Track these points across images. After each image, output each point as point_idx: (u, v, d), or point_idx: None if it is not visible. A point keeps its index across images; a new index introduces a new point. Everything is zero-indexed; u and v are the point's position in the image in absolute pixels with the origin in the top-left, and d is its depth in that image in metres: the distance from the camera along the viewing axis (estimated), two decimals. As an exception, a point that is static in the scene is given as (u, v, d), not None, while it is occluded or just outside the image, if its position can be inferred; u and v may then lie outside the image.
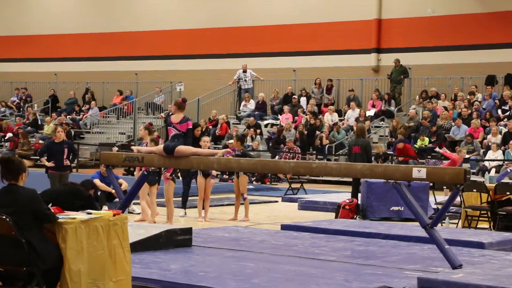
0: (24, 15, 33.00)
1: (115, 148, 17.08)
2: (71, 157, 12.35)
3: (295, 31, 26.97)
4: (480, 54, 23.99)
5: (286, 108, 24.93)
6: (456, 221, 12.20)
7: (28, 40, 32.57)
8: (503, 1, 24.13)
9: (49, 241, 5.79)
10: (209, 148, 12.31)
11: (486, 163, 19.24)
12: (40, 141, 25.86)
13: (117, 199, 12.19)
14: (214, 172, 12.77)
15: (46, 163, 12.54)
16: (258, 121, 25.08)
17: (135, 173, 12.12)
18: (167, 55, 29.38)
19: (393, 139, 21.65)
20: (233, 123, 25.79)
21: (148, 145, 11.63)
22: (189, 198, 13.30)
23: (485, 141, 20.45)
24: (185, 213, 13.14)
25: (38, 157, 26.12)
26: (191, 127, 9.61)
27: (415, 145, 21.25)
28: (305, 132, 23.27)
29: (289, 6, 27.31)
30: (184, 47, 29.04)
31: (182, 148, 9.19)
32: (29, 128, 28.06)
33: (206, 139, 12.29)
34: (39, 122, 28.61)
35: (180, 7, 29.75)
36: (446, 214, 11.24)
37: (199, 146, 11.93)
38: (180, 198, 13.44)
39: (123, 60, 30.27)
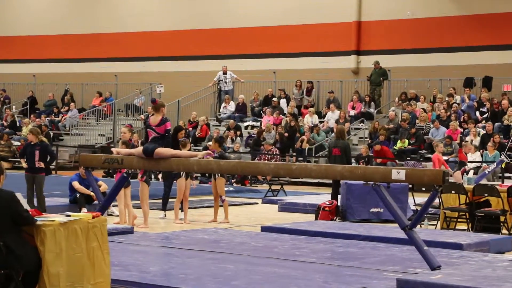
0: (2, 15, 32.77)
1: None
2: (48, 159, 12.18)
3: (275, 33, 27.00)
4: (458, 56, 24.15)
5: (268, 110, 24.93)
6: (435, 222, 12.26)
7: (6, 41, 32.33)
8: (481, 4, 24.31)
9: (27, 244, 5.76)
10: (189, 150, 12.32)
11: (465, 165, 19.35)
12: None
13: (96, 202, 12.13)
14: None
15: (24, 165, 12.44)
16: (238, 123, 25.07)
17: (115, 175, 12.08)
18: (147, 56, 29.30)
19: (372, 141, 21.73)
20: (213, 125, 25.77)
21: (120, 147, 11.56)
22: (169, 200, 13.28)
23: (463, 143, 20.56)
24: (165, 215, 13.11)
25: (17, 159, 26.20)
26: (169, 128, 9.48)
27: (394, 147, 21.34)
28: (285, 134, 23.27)
29: (269, 8, 27.34)
30: (164, 48, 28.97)
31: (161, 150, 9.11)
32: (7, 129, 27.86)
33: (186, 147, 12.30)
34: (18, 124, 28.41)
35: (160, 8, 29.68)
36: (425, 215, 11.30)
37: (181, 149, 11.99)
38: (160, 200, 13.42)
39: (103, 61, 30.14)
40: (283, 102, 25.60)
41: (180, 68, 28.59)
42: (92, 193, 12.55)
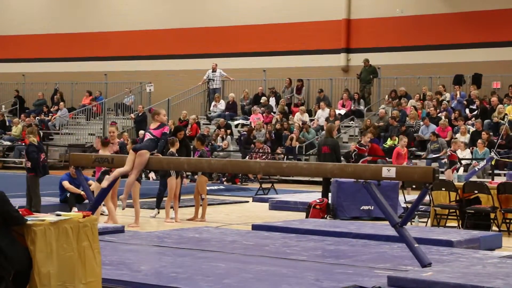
0: (-9, 15, 32.67)
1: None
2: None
3: (265, 31, 27.00)
4: (448, 54, 24.22)
5: (257, 109, 24.94)
6: (425, 219, 12.29)
7: (-5, 41, 32.26)
8: (470, 2, 24.37)
9: (18, 244, 5.74)
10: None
11: (455, 162, 19.38)
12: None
13: (86, 201, 12.10)
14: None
15: None
16: (229, 121, 25.06)
17: (95, 172, 12.04)
18: (137, 55, 29.24)
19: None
20: (203, 124, 25.75)
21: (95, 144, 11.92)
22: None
23: (452, 140, 20.60)
24: (158, 212, 13.10)
25: (7, 159, 26.13)
26: (166, 131, 9.86)
27: (384, 145, 21.38)
28: (273, 135, 23.22)
29: (259, 6, 27.33)
30: (154, 47, 28.92)
31: (143, 154, 9.45)
32: (-4, 129, 27.81)
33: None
34: (7, 124, 28.31)
35: (149, 7, 29.62)
36: (416, 213, 11.33)
37: (181, 149, 12.24)
38: (150, 199, 13.40)
39: (92, 60, 30.06)
40: (272, 100, 25.61)
41: (170, 66, 28.55)
42: (82, 193, 12.52)
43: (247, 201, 16.46)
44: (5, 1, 32.62)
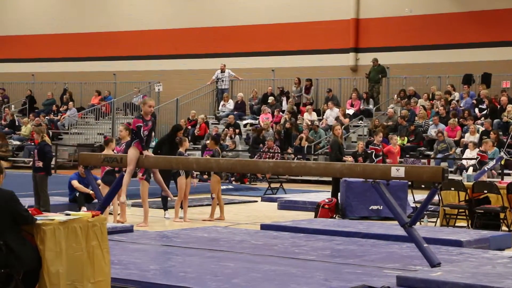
0: (0, 15, 32.74)
1: None
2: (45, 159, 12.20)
3: (274, 31, 26.99)
4: (457, 53, 24.15)
5: (266, 108, 24.94)
6: (434, 219, 12.27)
7: (5, 41, 32.31)
8: (479, 1, 24.30)
9: (27, 243, 5.75)
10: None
11: (464, 162, 19.34)
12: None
13: (95, 200, 12.13)
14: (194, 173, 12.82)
15: None
16: (237, 121, 25.07)
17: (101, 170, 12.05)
18: (145, 55, 29.29)
19: (372, 138, 21.72)
20: (212, 123, 25.78)
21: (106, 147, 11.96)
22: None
23: (462, 139, 20.56)
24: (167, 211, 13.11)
25: (16, 158, 26.22)
26: (136, 125, 9.72)
27: (392, 144, 21.34)
28: (282, 134, 23.20)
29: (267, 6, 27.33)
30: (163, 47, 28.96)
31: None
32: (6, 129, 27.86)
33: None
34: (17, 123, 28.40)
35: (158, 7, 29.66)
36: (425, 212, 11.30)
37: (175, 147, 12.17)
38: (159, 199, 13.40)
39: (101, 60, 30.12)
40: (284, 100, 25.57)
41: (178, 66, 28.58)
42: (91, 192, 12.55)
43: (256, 201, 16.47)
44: (14, 2, 32.72)
